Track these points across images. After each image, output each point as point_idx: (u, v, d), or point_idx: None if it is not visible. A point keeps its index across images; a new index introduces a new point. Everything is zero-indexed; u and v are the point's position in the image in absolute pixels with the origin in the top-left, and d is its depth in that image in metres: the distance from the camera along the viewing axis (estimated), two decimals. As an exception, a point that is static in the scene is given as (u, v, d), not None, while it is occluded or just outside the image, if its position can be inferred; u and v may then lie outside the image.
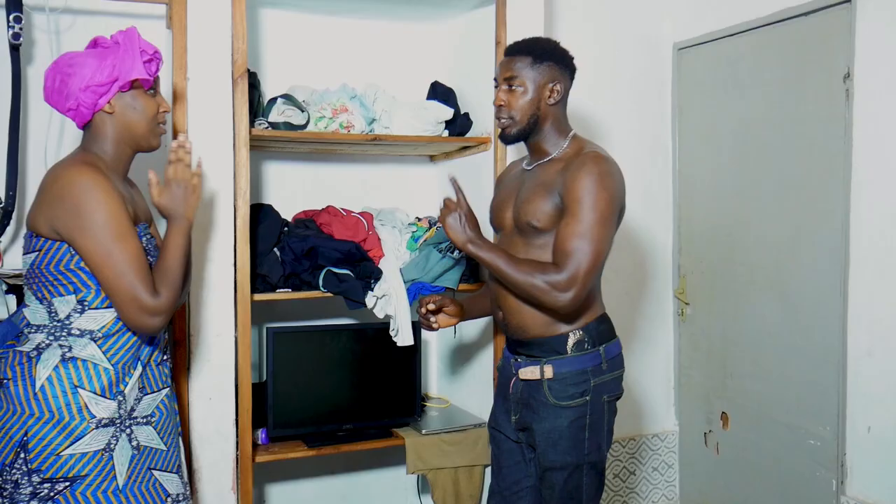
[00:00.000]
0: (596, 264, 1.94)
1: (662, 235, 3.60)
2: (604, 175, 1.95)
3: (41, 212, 1.72)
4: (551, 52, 2.07)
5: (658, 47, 3.55)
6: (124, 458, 1.76)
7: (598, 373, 2.05)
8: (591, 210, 1.92)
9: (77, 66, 1.76)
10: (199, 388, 2.32)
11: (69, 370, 1.72)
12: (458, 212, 2.04)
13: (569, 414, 2.02)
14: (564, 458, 2.03)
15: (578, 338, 2.04)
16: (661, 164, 3.59)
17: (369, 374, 2.75)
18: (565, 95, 2.10)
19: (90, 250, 1.68)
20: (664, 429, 3.64)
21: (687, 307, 3.53)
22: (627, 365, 3.49)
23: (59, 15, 2.46)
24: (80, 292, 1.73)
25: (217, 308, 2.34)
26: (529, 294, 1.96)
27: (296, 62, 2.87)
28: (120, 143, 1.83)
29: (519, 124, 2.06)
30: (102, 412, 1.74)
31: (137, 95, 1.82)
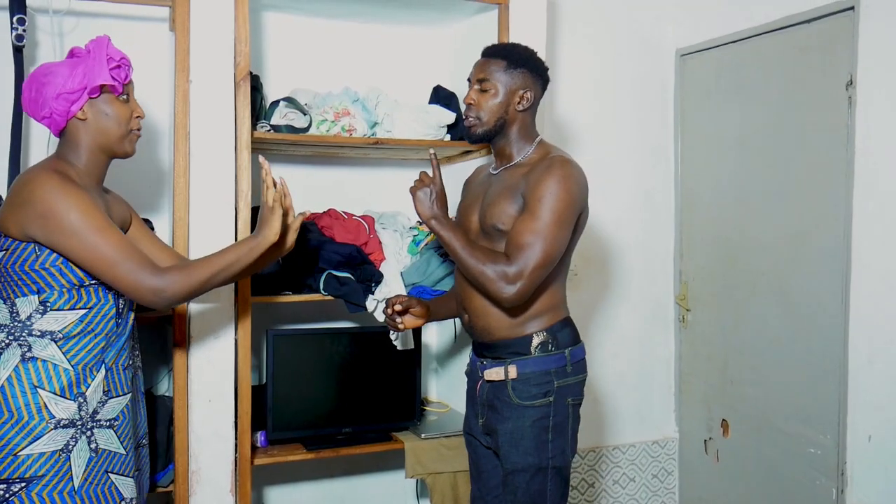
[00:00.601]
0: (545, 263, 1.95)
1: (664, 241, 3.60)
2: (566, 178, 1.97)
3: (11, 215, 1.74)
4: (526, 60, 2.09)
5: (660, 53, 3.55)
6: (82, 459, 1.77)
7: (563, 375, 2.05)
8: (550, 210, 1.94)
9: (51, 75, 1.79)
10: (199, 389, 2.32)
11: (28, 370, 1.73)
12: (430, 187, 2.06)
13: (532, 413, 2.02)
14: (527, 460, 2.02)
15: (543, 339, 2.05)
16: (663, 171, 3.58)
17: (369, 378, 2.75)
18: (535, 103, 2.12)
19: (76, 249, 1.71)
20: (664, 435, 3.63)
21: (688, 313, 3.52)
22: (628, 370, 3.55)
23: (63, 17, 2.46)
24: (44, 293, 1.75)
25: (217, 310, 2.34)
26: (478, 281, 1.98)
27: (298, 65, 2.88)
28: (94, 150, 1.85)
29: (485, 125, 2.08)
30: (62, 413, 1.74)
31: (109, 101, 1.84)
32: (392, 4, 2.75)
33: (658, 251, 3.59)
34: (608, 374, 3.51)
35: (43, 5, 2.32)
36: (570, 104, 3.38)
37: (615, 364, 3.52)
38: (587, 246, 3.44)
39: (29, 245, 1.73)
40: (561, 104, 3.36)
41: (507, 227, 2.01)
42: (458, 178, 2.98)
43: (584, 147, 3.42)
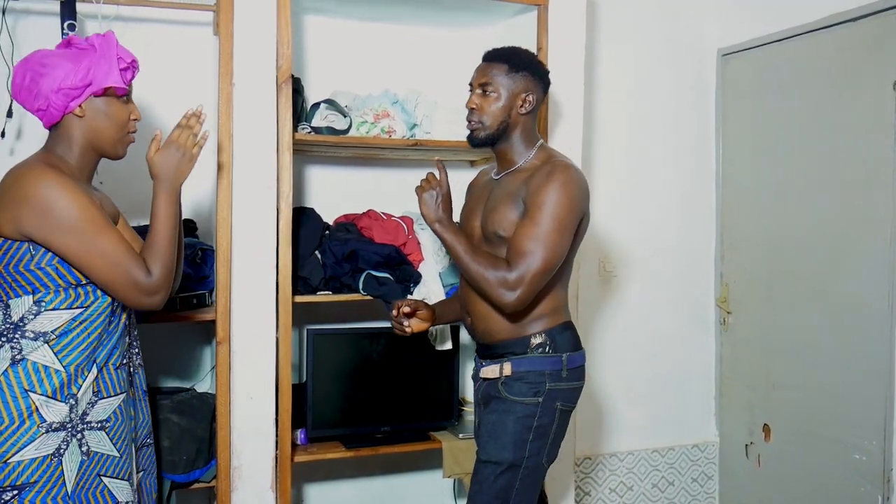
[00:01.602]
0: (546, 269, 1.95)
1: (704, 243, 3.56)
2: (567, 183, 1.97)
3: (4, 213, 1.68)
4: (528, 63, 2.10)
5: (702, 53, 3.52)
6: (74, 463, 1.72)
7: (556, 378, 2.04)
8: (550, 216, 1.94)
9: (50, 67, 1.73)
10: (241, 387, 2.36)
11: (18, 373, 1.69)
12: (436, 189, 2.08)
13: (518, 410, 2.02)
14: (501, 454, 2.01)
15: (541, 340, 2.05)
16: (704, 171, 3.55)
17: (407, 378, 2.77)
18: (537, 107, 2.12)
19: (74, 249, 1.67)
20: (704, 439, 3.59)
21: (729, 316, 3.48)
22: (668, 373, 3.52)
23: (111, 22, 2.52)
24: (39, 292, 1.70)
25: (259, 309, 2.37)
26: (479, 286, 1.99)
27: (339, 68, 2.91)
28: (86, 148, 1.80)
29: (488, 129, 2.08)
30: (53, 416, 1.70)
31: (110, 102, 1.79)
32: (431, 7, 2.77)
33: (698, 253, 3.56)
34: (647, 376, 3.48)
35: (92, 11, 2.39)
36: (610, 105, 3.36)
37: (654, 366, 3.50)
38: (626, 247, 3.42)
39: (23, 244, 1.67)
40: (601, 105, 3.34)
41: (508, 233, 2.01)
42: (496, 180, 2.99)
43: (624, 148, 3.41)
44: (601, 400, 3.41)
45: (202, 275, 2.46)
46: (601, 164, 3.36)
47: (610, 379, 3.42)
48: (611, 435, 3.44)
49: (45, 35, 2.37)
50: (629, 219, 3.43)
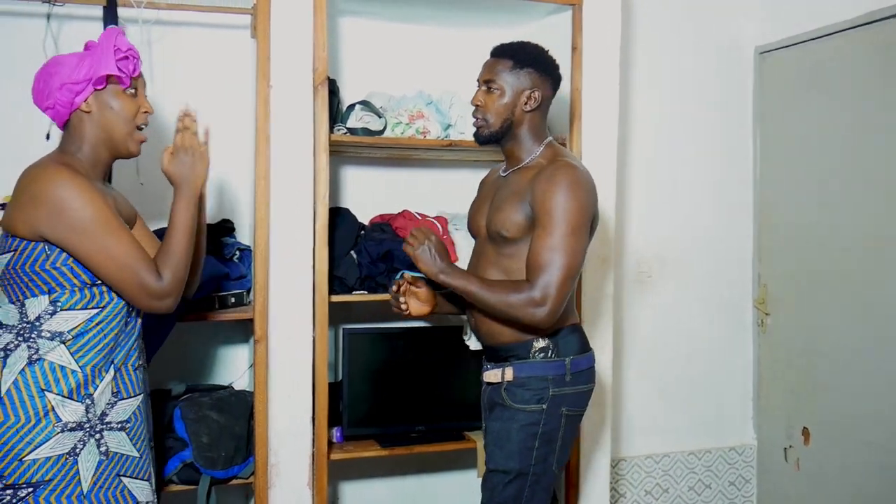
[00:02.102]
0: (569, 276, 1.91)
1: (741, 243, 3.52)
2: (573, 185, 1.93)
3: (19, 213, 1.69)
4: (534, 59, 2.06)
5: (739, 51, 3.48)
6: (90, 463, 1.73)
7: (560, 383, 2.01)
8: (562, 222, 1.90)
9: (58, 66, 1.76)
10: (279, 385, 2.39)
11: (35, 373, 1.69)
12: (426, 244, 2.02)
13: (521, 418, 1.99)
14: (508, 463, 1.99)
15: (543, 345, 2.02)
16: (741, 171, 3.51)
17: (442, 377, 2.78)
18: (544, 103, 2.08)
19: (86, 249, 1.67)
20: (741, 442, 3.55)
21: (767, 317, 3.44)
22: (704, 375, 3.48)
23: (151, 26, 2.57)
24: (54, 292, 1.71)
25: (296, 308, 2.40)
26: (507, 314, 1.95)
27: (373, 69, 2.93)
28: (97, 145, 1.79)
29: (491, 127, 2.06)
30: (69, 416, 1.70)
31: (115, 94, 1.78)
32: (466, 8, 2.78)
33: (735, 254, 3.52)
34: (683, 378, 3.45)
35: (133, 16, 2.43)
36: (645, 104, 3.34)
37: (690, 368, 3.46)
38: (661, 248, 3.39)
39: (38, 244, 1.68)
40: (636, 104, 3.32)
41: (511, 233, 1.99)
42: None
43: (660, 148, 3.39)
44: (636, 401, 3.39)
45: (240, 274, 2.50)
46: (637, 164, 3.34)
47: (645, 380, 3.40)
48: (646, 437, 3.41)
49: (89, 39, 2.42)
50: (665, 219, 3.41)
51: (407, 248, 2.04)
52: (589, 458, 2.76)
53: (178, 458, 2.32)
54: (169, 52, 2.65)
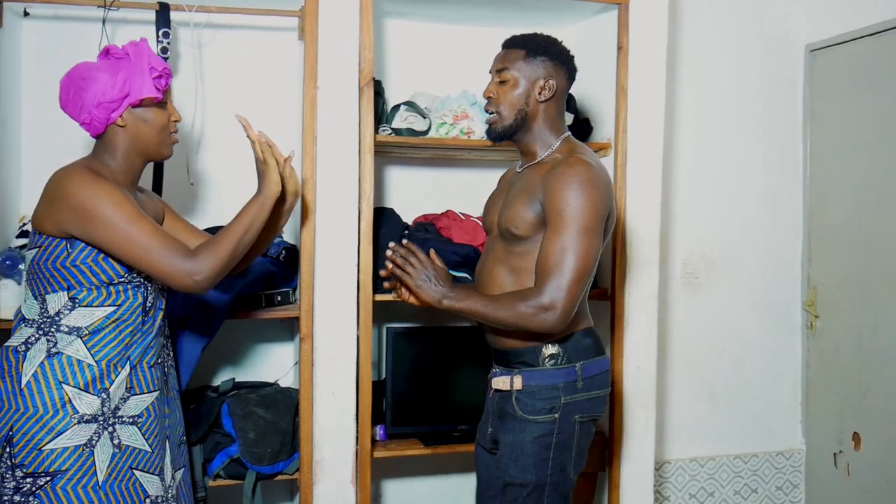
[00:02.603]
0: (581, 278, 1.83)
1: (790, 244, 3.46)
2: (585, 183, 1.84)
3: (46, 212, 1.77)
4: (546, 48, 1.98)
5: (789, 49, 3.42)
6: (105, 455, 1.78)
7: (572, 390, 1.93)
8: (574, 222, 1.82)
9: (90, 80, 1.80)
10: (323, 383, 2.42)
11: (54, 366, 1.75)
12: (424, 272, 1.96)
13: (534, 429, 1.92)
14: (524, 476, 1.93)
15: (553, 351, 1.94)
16: (791, 170, 3.45)
17: (485, 376, 2.77)
18: (560, 94, 2.00)
19: (110, 241, 1.72)
20: (790, 447, 3.49)
21: (817, 320, 3.37)
22: (751, 377, 3.43)
23: (202, 29, 2.62)
24: (74, 289, 1.77)
25: (340, 307, 2.43)
26: (517, 326, 1.88)
27: (418, 70, 2.94)
28: (131, 155, 1.86)
29: (505, 120, 1.98)
30: (85, 408, 1.76)
31: (149, 109, 1.84)
32: (510, 8, 2.78)
33: (784, 255, 3.46)
34: (729, 380, 3.41)
35: (185, 19, 2.48)
36: (692, 103, 3.30)
37: (737, 371, 3.42)
38: (709, 249, 3.35)
39: (62, 241, 1.75)
40: (683, 103, 3.29)
41: (521, 231, 1.92)
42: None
43: (707, 147, 3.34)
44: (681, 404, 3.35)
45: (286, 273, 2.53)
46: (684, 163, 3.30)
47: (690, 382, 3.36)
48: (692, 440, 3.37)
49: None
50: (712, 220, 3.36)
51: (405, 277, 1.97)
52: (632, 461, 2.74)
53: (226, 454, 2.37)
54: (218, 54, 2.70)
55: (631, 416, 2.72)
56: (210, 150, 2.72)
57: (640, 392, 2.72)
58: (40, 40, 2.54)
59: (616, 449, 2.71)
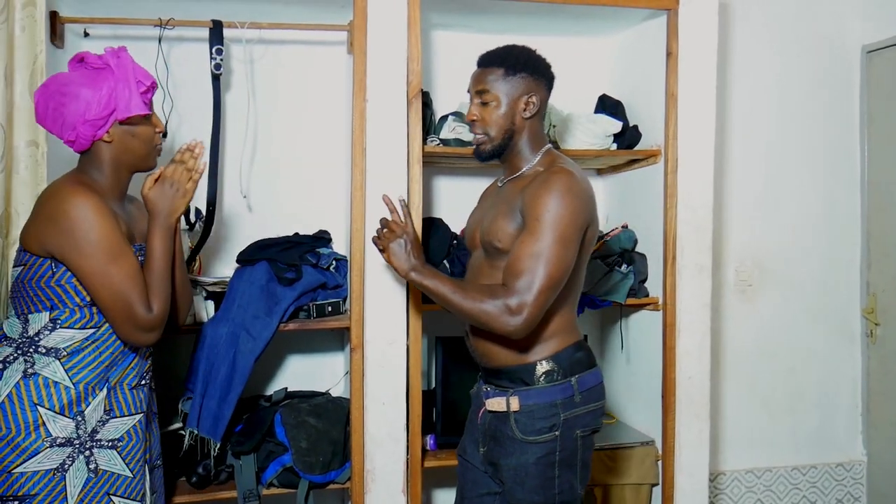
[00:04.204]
0: (551, 286, 1.79)
1: (848, 250, 3.38)
2: (566, 192, 1.81)
3: (33, 230, 1.74)
4: (525, 63, 1.94)
5: (844, 51, 3.34)
6: (78, 479, 1.74)
7: (570, 406, 1.90)
8: (550, 229, 1.78)
9: (70, 96, 1.74)
10: (374, 393, 2.43)
11: (29, 387, 1.72)
12: (402, 237, 1.93)
13: (536, 450, 1.88)
14: (532, 498, 1.89)
15: (548, 368, 1.90)
16: (847, 175, 3.37)
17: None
18: (542, 107, 1.98)
19: (86, 271, 1.69)
20: (850, 458, 3.40)
21: (877, 327, 3.28)
22: (808, 387, 3.36)
23: (254, 45, 2.68)
24: (56, 309, 1.74)
25: (391, 317, 2.44)
26: (479, 321, 1.84)
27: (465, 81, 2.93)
28: (118, 168, 1.83)
29: (493, 140, 1.96)
30: (59, 431, 1.73)
31: (136, 122, 1.81)
32: (558, 17, 2.77)
33: (842, 261, 3.38)
34: (786, 390, 3.33)
35: (237, 36, 2.54)
36: (745, 108, 3.25)
37: (792, 380, 3.34)
38: (762, 256, 3.29)
39: (46, 261, 1.72)
40: (736, 108, 3.24)
41: (504, 244, 1.88)
42: (623, 190, 2.95)
43: (761, 152, 3.29)
44: (736, 413, 3.29)
45: (336, 283, 2.56)
46: (737, 169, 3.25)
47: (746, 392, 3.30)
48: (747, 450, 3.31)
49: (196, 59, 2.54)
50: (766, 226, 3.30)
51: (385, 234, 1.94)
52: (686, 472, 2.69)
53: (279, 463, 2.40)
54: (269, 69, 2.76)
55: (684, 426, 2.67)
56: (262, 164, 2.77)
57: (694, 402, 2.68)
58: (99, 59, 2.62)
59: (669, 460, 2.67)
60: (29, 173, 2.18)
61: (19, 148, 2.18)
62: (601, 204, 3.10)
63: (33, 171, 2.19)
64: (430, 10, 2.56)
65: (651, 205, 2.71)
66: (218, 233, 2.71)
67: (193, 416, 2.29)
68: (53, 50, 2.32)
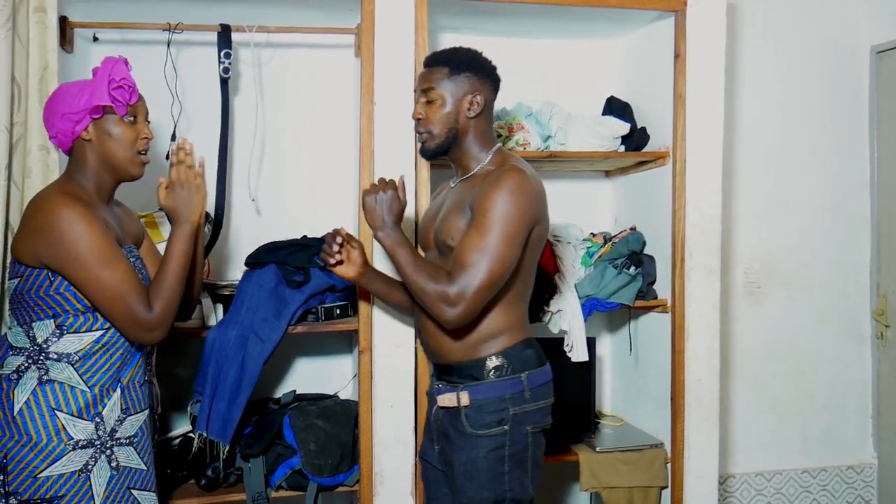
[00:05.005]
0: (491, 283, 1.81)
1: (858, 251, 3.36)
2: (515, 190, 1.83)
3: (24, 241, 1.75)
4: (469, 63, 1.98)
5: (853, 51, 3.33)
6: (102, 478, 1.78)
7: (520, 401, 1.91)
8: (497, 225, 1.81)
9: (63, 94, 1.81)
10: (382, 395, 2.43)
11: (46, 393, 1.74)
12: (381, 193, 1.91)
13: (486, 444, 1.89)
14: (481, 494, 1.90)
15: (498, 363, 1.92)
16: (857, 176, 3.36)
17: (543, 389, 2.76)
18: (487, 108, 2.00)
19: (81, 279, 1.71)
20: (861, 461, 3.38)
21: (888, 329, 3.26)
22: (818, 389, 3.35)
23: (262, 49, 2.69)
24: (59, 317, 1.75)
25: (399, 320, 2.44)
26: (420, 299, 1.87)
27: (473, 83, 2.95)
28: (100, 171, 1.83)
29: (437, 138, 1.98)
30: (80, 434, 1.75)
31: (115, 123, 1.81)
32: (565, 19, 2.77)
33: (851, 263, 3.36)
34: (795, 392, 3.33)
35: (245, 39, 2.54)
36: (754, 109, 3.25)
37: (802, 382, 3.33)
38: (771, 257, 3.28)
39: (42, 272, 1.74)
40: (744, 109, 3.23)
41: (456, 242, 1.89)
42: (631, 192, 2.95)
43: (769, 153, 3.29)
44: (746, 416, 3.28)
45: (345, 286, 2.56)
46: (745, 170, 3.25)
47: (755, 394, 3.29)
48: (757, 453, 3.30)
49: (205, 63, 2.55)
50: (775, 227, 3.29)
51: (365, 191, 1.94)
52: (695, 474, 2.68)
53: (287, 465, 2.41)
54: (277, 72, 2.77)
55: (694, 429, 2.66)
56: (270, 167, 2.78)
57: (703, 405, 2.67)
58: (109, 64, 2.64)
59: (679, 463, 2.66)
60: (41, 178, 2.19)
61: (32, 151, 2.20)
62: (610, 206, 3.10)
63: (44, 175, 2.20)
64: (438, 12, 2.57)
65: (659, 207, 2.70)
66: (226, 236, 2.72)
67: (202, 419, 2.30)
68: (63, 55, 2.33)
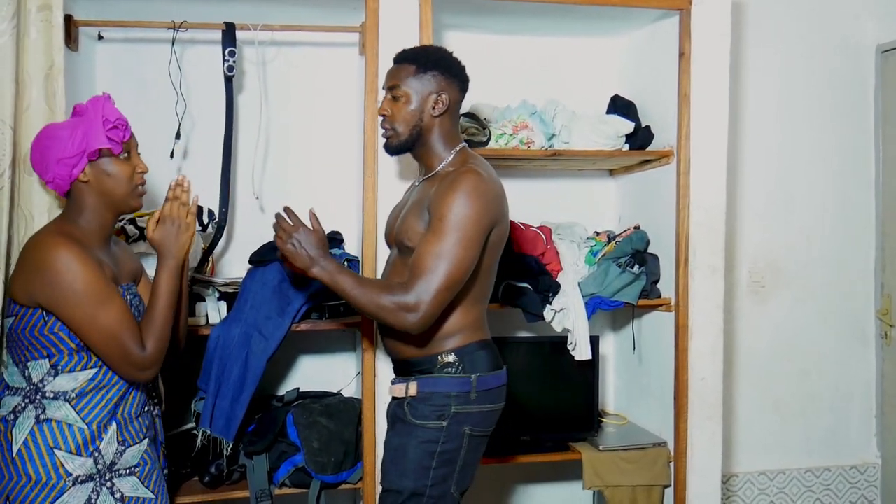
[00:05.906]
0: (449, 286, 1.82)
1: (862, 251, 3.36)
2: (472, 192, 1.83)
3: (20, 282, 1.77)
4: (437, 62, 1.98)
5: (858, 51, 3.33)
6: None
7: (464, 401, 1.90)
8: (453, 229, 1.81)
9: (53, 139, 1.80)
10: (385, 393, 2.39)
11: (44, 432, 1.75)
12: (291, 238, 1.84)
13: (419, 434, 1.89)
14: (401, 481, 1.89)
15: (449, 360, 1.92)
16: (862, 176, 3.35)
17: (546, 387, 2.77)
18: (453, 107, 2.00)
19: (75, 320, 1.72)
20: (864, 461, 3.37)
21: (892, 329, 3.25)
22: (822, 389, 3.34)
23: (266, 47, 2.69)
24: (54, 357, 1.76)
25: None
26: (377, 317, 1.86)
27: (478, 81, 2.92)
28: (100, 210, 1.83)
29: (401, 135, 1.98)
30: (79, 469, 1.76)
31: (111, 162, 1.81)
32: (569, 17, 2.77)
33: (856, 263, 3.36)
34: (799, 392, 3.32)
35: (249, 38, 2.54)
36: (758, 108, 3.24)
37: (806, 382, 3.33)
38: (776, 257, 3.27)
39: (36, 311, 1.74)
40: (748, 109, 3.23)
41: (413, 243, 1.90)
42: (635, 191, 2.95)
43: (774, 153, 3.28)
44: (749, 415, 3.28)
45: (349, 284, 2.56)
46: (749, 170, 3.24)
47: (758, 393, 3.29)
48: (760, 452, 3.30)
49: (209, 61, 2.56)
50: (779, 227, 3.29)
51: (278, 241, 1.88)
52: (698, 473, 2.68)
53: (291, 463, 2.41)
54: (282, 70, 2.77)
55: (697, 428, 2.66)
56: (274, 165, 2.78)
57: (707, 404, 2.67)
58: (114, 62, 2.65)
59: (682, 462, 2.66)
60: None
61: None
62: (614, 205, 3.10)
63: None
64: (442, 10, 2.56)
65: (663, 205, 2.70)
66: (230, 233, 2.72)
67: (206, 416, 2.30)
68: (68, 53, 2.33)
